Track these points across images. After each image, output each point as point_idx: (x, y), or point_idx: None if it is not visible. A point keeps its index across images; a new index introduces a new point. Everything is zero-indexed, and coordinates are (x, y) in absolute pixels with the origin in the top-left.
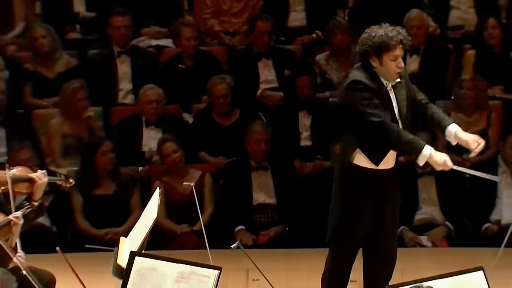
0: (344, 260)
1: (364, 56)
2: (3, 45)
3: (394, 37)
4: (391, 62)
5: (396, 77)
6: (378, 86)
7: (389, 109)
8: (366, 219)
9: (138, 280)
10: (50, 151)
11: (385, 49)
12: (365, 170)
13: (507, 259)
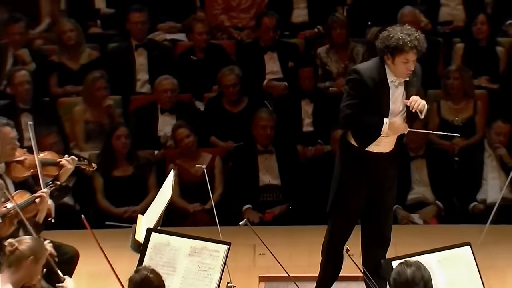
0: (341, 231)
1: (380, 52)
2: (31, 39)
3: (409, 42)
4: (402, 64)
5: (405, 77)
6: (382, 80)
7: (382, 103)
8: (361, 195)
9: (154, 254)
10: (74, 136)
11: (398, 52)
12: (358, 149)
13: (492, 235)
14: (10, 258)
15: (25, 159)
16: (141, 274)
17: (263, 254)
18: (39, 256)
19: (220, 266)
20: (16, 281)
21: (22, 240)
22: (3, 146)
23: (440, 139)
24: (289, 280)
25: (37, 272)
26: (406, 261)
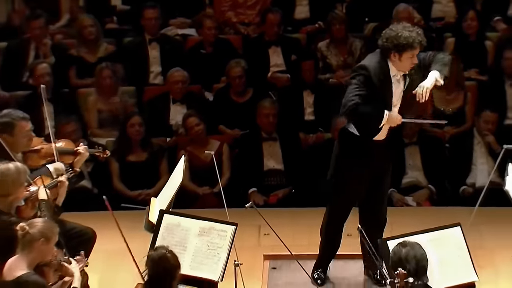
0: (341, 214)
1: (386, 50)
2: (51, 34)
3: (416, 39)
4: (409, 59)
5: (408, 70)
6: (385, 75)
7: (385, 95)
8: (363, 182)
9: (166, 234)
10: (89, 124)
11: (408, 49)
12: (358, 139)
13: (481, 217)
14: (23, 241)
15: (42, 149)
16: (159, 253)
17: (267, 234)
18: (50, 237)
19: (228, 245)
20: (30, 262)
21: (32, 223)
22: (20, 138)
23: (431, 127)
24: (292, 258)
25: (49, 252)
26: (403, 242)
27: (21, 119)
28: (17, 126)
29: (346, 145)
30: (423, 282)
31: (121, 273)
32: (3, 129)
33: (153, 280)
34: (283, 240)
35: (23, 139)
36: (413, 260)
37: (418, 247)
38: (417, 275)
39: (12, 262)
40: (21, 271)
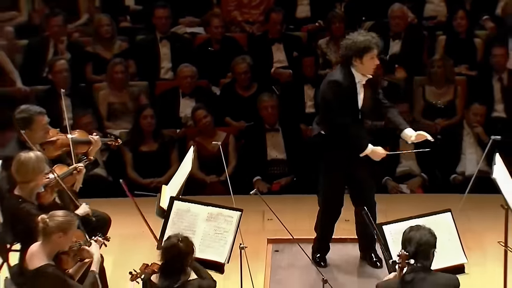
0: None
1: (348, 57)
2: (69, 32)
3: (372, 41)
4: (371, 60)
5: (372, 72)
6: (350, 83)
7: (354, 101)
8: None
9: (176, 219)
10: (103, 116)
11: (367, 51)
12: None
13: (470, 203)
14: (43, 233)
15: (57, 140)
16: (171, 241)
17: (270, 220)
18: (67, 231)
19: (234, 229)
20: (49, 252)
21: (52, 216)
22: (38, 132)
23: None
24: (294, 242)
25: (67, 243)
26: (417, 225)
27: (38, 114)
28: (35, 121)
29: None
30: (422, 265)
31: (134, 256)
32: (22, 124)
33: (166, 265)
34: (285, 225)
35: (41, 132)
36: (415, 243)
37: (425, 232)
38: (415, 258)
39: (33, 250)
40: (40, 261)
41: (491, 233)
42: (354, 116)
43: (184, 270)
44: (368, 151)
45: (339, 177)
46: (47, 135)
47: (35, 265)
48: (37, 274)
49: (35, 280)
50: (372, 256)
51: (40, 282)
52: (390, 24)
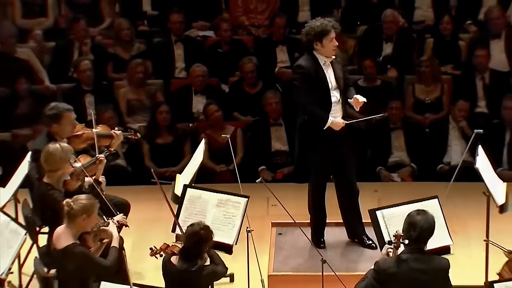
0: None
1: (309, 42)
2: (93, 35)
3: (328, 24)
4: (330, 43)
5: (333, 53)
6: (316, 67)
7: (323, 82)
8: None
9: (189, 205)
10: (122, 112)
11: (325, 34)
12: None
13: (455, 191)
14: (68, 215)
15: (83, 134)
16: (194, 228)
17: (274, 205)
18: (90, 213)
19: (241, 214)
20: (74, 233)
21: (76, 200)
22: (66, 127)
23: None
24: (295, 226)
25: (90, 224)
26: (423, 210)
27: (67, 111)
28: (64, 117)
29: (307, 134)
30: (419, 248)
31: (151, 238)
32: (52, 120)
33: (186, 250)
34: (288, 210)
35: (69, 127)
36: (419, 229)
37: (430, 221)
38: (416, 242)
39: (60, 232)
40: (67, 241)
41: (474, 217)
42: (325, 97)
43: (201, 255)
44: (329, 123)
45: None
46: (74, 130)
47: (62, 245)
48: (65, 252)
49: (64, 258)
50: (364, 239)
51: (68, 259)
52: (383, 27)
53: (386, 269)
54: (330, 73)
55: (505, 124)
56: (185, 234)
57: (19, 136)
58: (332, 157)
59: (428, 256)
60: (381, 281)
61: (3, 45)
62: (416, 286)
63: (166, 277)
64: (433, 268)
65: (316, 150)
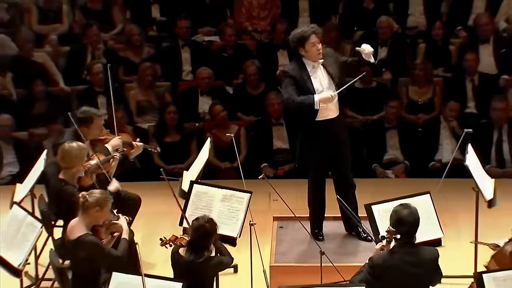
0: (318, 185)
1: (295, 50)
2: (105, 40)
3: (307, 31)
4: (312, 47)
5: (319, 57)
6: (301, 72)
7: (307, 86)
8: (322, 153)
9: (195, 200)
10: (132, 111)
11: (305, 39)
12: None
13: (446, 187)
14: (82, 207)
15: (106, 139)
16: (199, 222)
17: (276, 200)
18: (103, 206)
19: (244, 209)
20: (87, 224)
21: (91, 193)
22: (94, 130)
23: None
24: (296, 220)
25: (102, 217)
26: (406, 204)
27: (97, 116)
28: (94, 121)
29: (303, 132)
30: (410, 241)
31: (160, 230)
32: (82, 122)
33: (193, 242)
34: (288, 205)
35: (96, 131)
36: (409, 225)
37: (416, 212)
38: (407, 236)
39: (74, 223)
40: (80, 231)
41: (464, 212)
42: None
43: (208, 247)
44: (317, 101)
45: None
46: (101, 133)
47: (75, 235)
48: (78, 242)
49: (77, 247)
50: (361, 232)
51: (81, 248)
52: (378, 33)
53: (380, 263)
54: (319, 75)
55: (493, 124)
56: (191, 228)
57: (35, 135)
58: (329, 153)
59: (418, 248)
60: (376, 275)
61: (21, 50)
62: (409, 278)
63: (175, 268)
64: (424, 260)
65: (312, 147)
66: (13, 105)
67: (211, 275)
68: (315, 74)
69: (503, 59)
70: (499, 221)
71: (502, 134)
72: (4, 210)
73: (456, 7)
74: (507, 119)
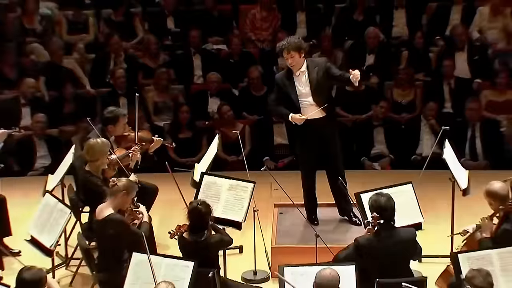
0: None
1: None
2: (126, 48)
3: (279, 48)
4: (286, 61)
5: (294, 70)
6: (288, 77)
7: (290, 90)
8: (309, 150)
9: (205, 189)
10: (150, 111)
11: (280, 55)
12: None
13: (426, 177)
14: (111, 191)
15: (129, 135)
16: (192, 206)
17: (276, 189)
18: (129, 191)
19: (249, 197)
20: (114, 206)
21: (120, 179)
22: (119, 128)
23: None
24: (294, 206)
25: (127, 202)
26: (381, 192)
27: (122, 115)
28: (119, 120)
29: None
30: (391, 224)
31: (174, 215)
32: (109, 121)
33: (192, 224)
34: (287, 194)
35: (121, 129)
36: (390, 210)
37: (391, 198)
38: (389, 220)
39: (102, 207)
40: (108, 212)
41: (442, 199)
42: (294, 101)
43: (206, 227)
44: (290, 117)
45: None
46: (125, 131)
47: (104, 215)
48: (107, 220)
49: (105, 225)
50: (352, 216)
51: (109, 226)
52: (366, 42)
53: (366, 245)
54: (303, 81)
55: (467, 122)
56: (187, 211)
57: (65, 132)
58: (317, 150)
59: (398, 230)
60: (361, 254)
61: (52, 57)
62: (390, 257)
63: (183, 250)
64: (403, 239)
65: (301, 146)
66: (45, 105)
67: (214, 251)
68: (299, 80)
69: (476, 65)
70: (473, 208)
71: (475, 131)
72: (37, 198)
73: (435, 19)
74: (480, 118)
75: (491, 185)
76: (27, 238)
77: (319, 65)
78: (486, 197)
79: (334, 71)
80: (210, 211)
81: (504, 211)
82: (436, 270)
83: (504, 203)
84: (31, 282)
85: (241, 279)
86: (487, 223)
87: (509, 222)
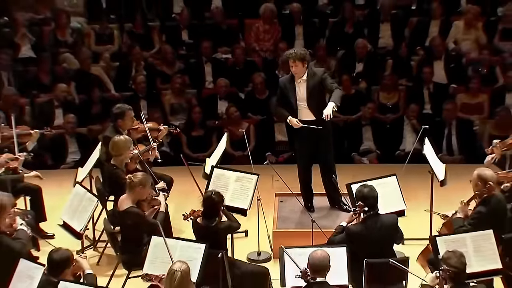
0: (305, 172)
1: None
2: (146, 57)
3: (284, 56)
4: (291, 69)
5: (296, 77)
6: (289, 82)
7: (290, 94)
8: (304, 146)
9: (215, 180)
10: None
11: (285, 61)
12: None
13: (409, 169)
14: (129, 186)
15: (139, 127)
16: (207, 194)
17: (277, 181)
18: (145, 185)
19: (253, 187)
20: (133, 199)
21: (136, 175)
22: (127, 121)
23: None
24: (293, 196)
25: (145, 194)
26: (365, 184)
27: (128, 109)
28: (126, 114)
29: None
30: (375, 212)
31: (188, 203)
32: (118, 116)
33: (206, 211)
34: (287, 184)
35: (129, 122)
36: (372, 199)
37: (374, 189)
38: (372, 207)
39: (123, 198)
40: (127, 205)
41: (422, 189)
42: (292, 104)
43: (218, 214)
44: (288, 120)
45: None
46: (133, 124)
47: (123, 208)
48: (125, 212)
49: (124, 217)
50: (342, 205)
51: (128, 218)
52: (356, 52)
53: (355, 231)
54: (303, 88)
55: (444, 122)
56: (202, 199)
57: (92, 130)
58: (311, 148)
59: (381, 217)
60: (352, 240)
61: (82, 65)
62: (376, 241)
63: (196, 233)
64: (386, 225)
65: (297, 143)
66: (76, 107)
67: (224, 235)
68: (299, 86)
69: (452, 72)
70: (449, 197)
71: (451, 130)
72: (69, 188)
73: (416, 32)
74: (455, 118)
75: (483, 170)
76: (60, 223)
77: (317, 74)
78: (476, 179)
79: (327, 82)
80: (222, 200)
81: (486, 193)
82: (417, 251)
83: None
84: (60, 261)
85: (246, 259)
86: (463, 206)
87: (485, 205)
